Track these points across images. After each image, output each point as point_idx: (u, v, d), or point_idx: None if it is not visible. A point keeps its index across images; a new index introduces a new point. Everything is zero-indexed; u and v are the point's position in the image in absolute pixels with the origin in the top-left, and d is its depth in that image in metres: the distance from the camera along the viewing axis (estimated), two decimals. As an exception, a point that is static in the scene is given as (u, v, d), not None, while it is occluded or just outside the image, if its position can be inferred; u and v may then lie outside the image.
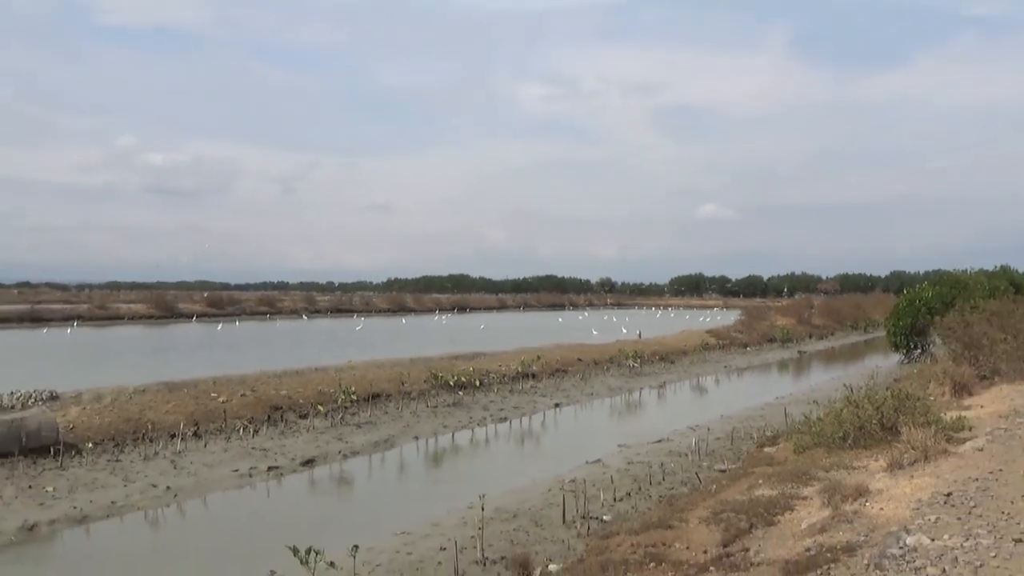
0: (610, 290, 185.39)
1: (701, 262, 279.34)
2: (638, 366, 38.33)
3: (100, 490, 15.65)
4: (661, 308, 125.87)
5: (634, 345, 42.78)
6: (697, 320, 75.53)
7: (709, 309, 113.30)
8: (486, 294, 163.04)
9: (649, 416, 27.39)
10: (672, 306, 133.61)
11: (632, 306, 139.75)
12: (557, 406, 27.96)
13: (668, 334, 53.58)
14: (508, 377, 32.02)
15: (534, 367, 33.63)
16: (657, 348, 44.46)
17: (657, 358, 42.00)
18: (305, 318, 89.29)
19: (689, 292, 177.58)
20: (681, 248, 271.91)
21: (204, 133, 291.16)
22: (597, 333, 53.61)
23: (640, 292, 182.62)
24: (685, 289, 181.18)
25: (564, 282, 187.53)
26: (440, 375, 28.83)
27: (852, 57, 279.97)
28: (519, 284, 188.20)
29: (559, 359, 36.92)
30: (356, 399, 24.87)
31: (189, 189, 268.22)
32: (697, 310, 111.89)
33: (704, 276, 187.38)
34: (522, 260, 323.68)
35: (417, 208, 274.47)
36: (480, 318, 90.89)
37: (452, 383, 28.51)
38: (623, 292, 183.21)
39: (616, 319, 79.67)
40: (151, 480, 16.44)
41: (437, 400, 26.91)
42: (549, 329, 61.86)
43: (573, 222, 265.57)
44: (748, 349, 52.38)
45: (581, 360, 38.00)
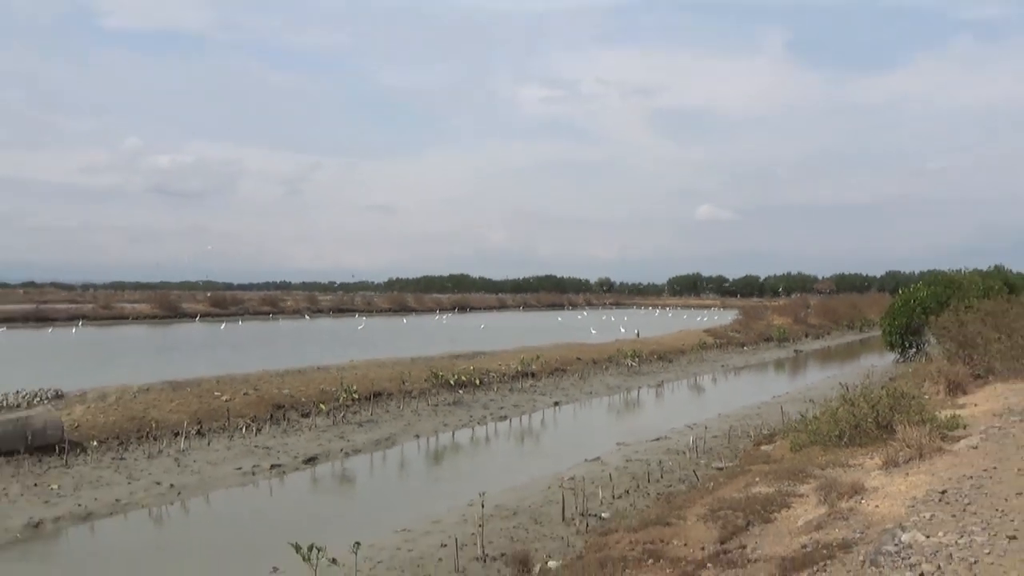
0: (609, 290, 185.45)
1: (699, 262, 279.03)
2: (636, 365, 38.33)
3: (105, 488, 15.65)
4: (659, 308, 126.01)
5: (632, 344, 42.79)
6: (695, 320, 75.55)
7: (707, 309, 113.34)
8: (486, 294, 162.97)
9: (647, 414, 27.40)
10: (670, 306, 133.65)
11: (630, 306, 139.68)
12: (556, 404, 27.97)
13: (666, 333, 53.59)
14: (508, 376, 32.03)
15: (534, 366, 33.64)
16: (655, 347, 44.47)
17: (655, 357, 42.01)
18: (307, 318, 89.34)
19: (687, 292, 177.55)
20: (679, 248, 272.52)
21: (207, 134, 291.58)
22: (596, 332, 53.62)
23: (638, 292, 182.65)
24: (683, 289, 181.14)
25: (563, 282, 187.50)
26: (441, 374, 28.83)
27: (850, 59, 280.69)
28: (519, 284, 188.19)
29: (558, 358, 36.92)
30: (358, 398, 24.87)
31: (192, 190, 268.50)
32: (695, 310, 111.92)
33: (702, 276, 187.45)
34: (522, 260, 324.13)
35: (418, 208, 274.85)
36: (480, 318, 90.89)
37: (453, 382, 28.51)
38: (622, 292, 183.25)
39: (615, 319, 79.68)
40: (155, 478, 16.44)
41: (438, 399, 26.91)
42: (548, 329, 61.87)
43: (572, 222, 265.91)
44: (745, 348, 52.39)
45: (580, 359, 38.01)
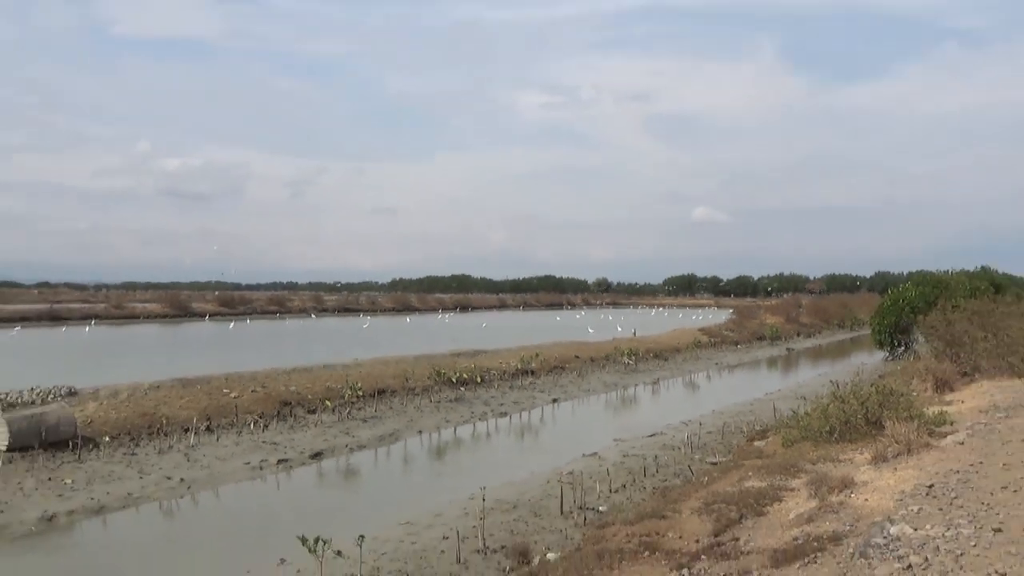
0: (606, 290, 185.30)
1: (694, 263, 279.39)
2: (633, 363, 38.33)
3: (117, 482, 15.66)
4: (655, 307, 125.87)
5: (629, 343, 42.78)
6: (690, 319, 75.57)
7: (701, 308, 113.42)
8: (487, 294, 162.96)
9: (643, 411, 27.41)
10: (666, 305, 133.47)
11: (627, 305, 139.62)
12: (555, 402, 27.97)
13: (662, 332, 53.61)
14: (508, 374, 32.05)
15: (533, 364, 33.65)
16: (651, 346, 44.47)
17: (651, 355, 42.01)
18: (313, 317, 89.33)
19: (682, 292, 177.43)
20: (675, 249, 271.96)
21: (216, 139, 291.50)
22: (593, 332, 53.58)
23: (635, 292, 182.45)
24: (678, 289, 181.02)
25: (562, 282, 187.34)
26: (443, 372, 28.84)
27: (839, 66, 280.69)
28: (519, 284, 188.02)
29: (557, 356, 36.93)
30: (362, 395, 24.89)
31: (202, 193, 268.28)
32: (690, 309, 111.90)
33: (696, 276, 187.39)
34: (522, 261, 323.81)
35: (421, 211, 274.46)
36: (481, 317, 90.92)
37: (454, 379, 28.52)
38: (619, 292, 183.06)
39: (612, 318, 79.62)
40: (166, 472, 16.45)
41: (440, 396, 26.92)
42: (547, 328, 61.83)
43: (571, 225, 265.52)
44: (739, 347, 52.38)
45: (578, 357, 38.01)
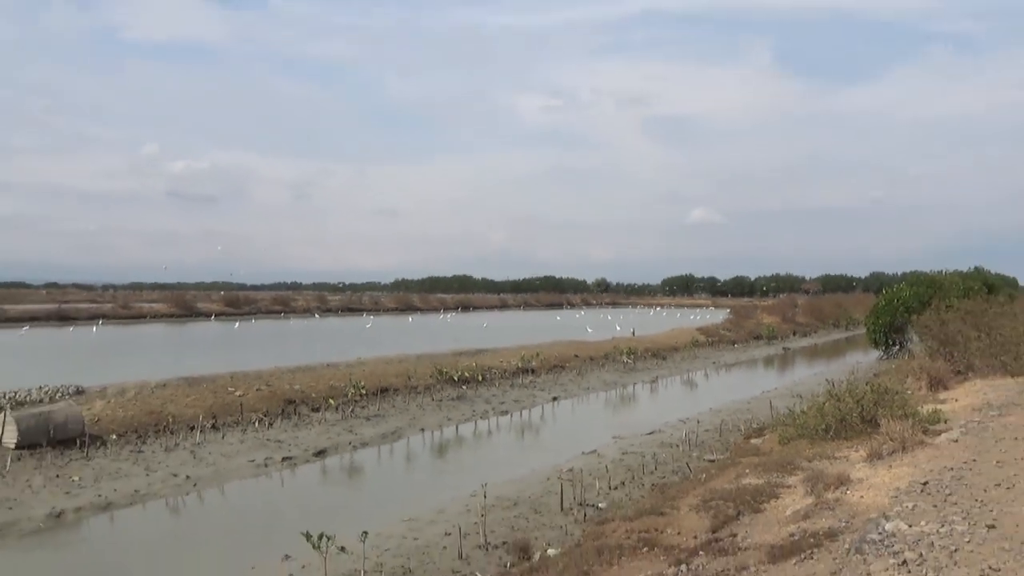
0: (605, 290, 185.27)
1: (691, 263, 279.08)
2: (632, 362, 38.33)
3: (124, 479, 15.67)
4: (654, 307, 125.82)
5: (628, 342, 42.78)
6: (688, 318, 75.54)
7: (699, 308, 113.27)
8: (488, 294, 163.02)
9: (642, 409, 27.41)
10: (664, 305, 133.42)
11: (626, 305, 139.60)
12: (555, 400, 27.98)
13: (660, 332, 53.59)
14: (509, 372, 32.06)
15: (533, 363, 33.66)
16: (650, 345, 44.46)
17: (650, 354, 42.00)
18: (317, 317, 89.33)
19: (680, 292, 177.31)
20: (673, 250, 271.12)
21: (222, 142, 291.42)
22: (593, 331, 53.55)
23: (634, 292, 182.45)
24: (676, 289, 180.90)
25: (562, 282, 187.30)
26: (445, 370, 28.85)
27: (834, 70, 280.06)
28: (519, 284, 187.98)
29: (557, 355, 36.93)
30: (365, 393, 24.91)
31: (207, 195, 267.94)
32: (688, 309, 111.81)
33: (694, 277, 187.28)
34: (522, 261, 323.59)
35: (423, 212, 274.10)
36: (482, 316, 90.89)
37: (456, 378, 28.53)
38: (618, 292, 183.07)
39: (611, 318, 79.58)
40: (172, 470, 16.47)
41: (442, 394, 26.92)
42: (548, 327, 61.81)
43: (571, 225, 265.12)
44: (736, 346, 52.38)
45: (578, 356, 38.01)
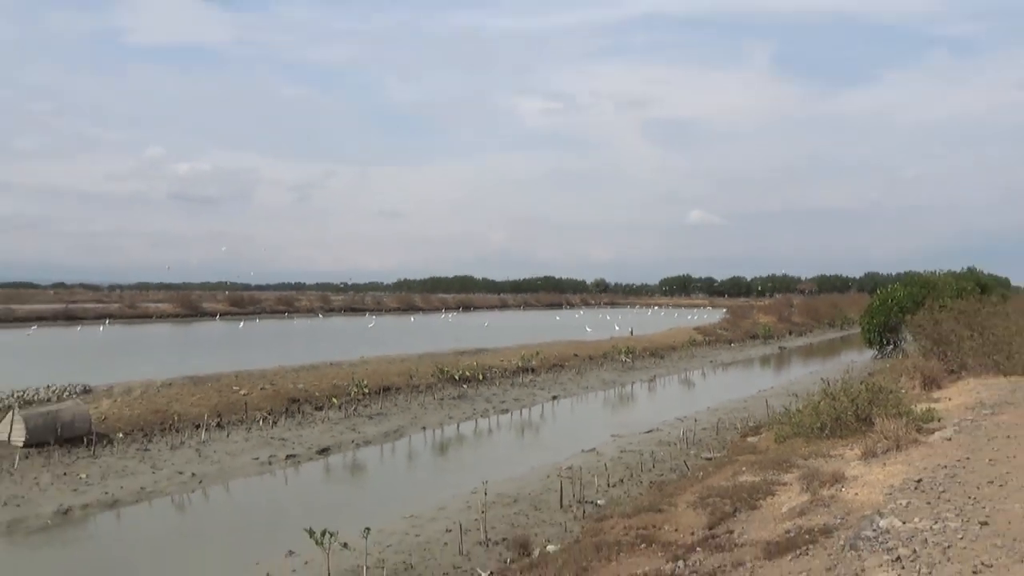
0: (604, 290, 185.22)
1: (690, 264, 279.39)
2: (630, 361, 38.33)
3: (130, 477, 15.69)
4: (652, 307, 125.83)
5: (626, 342, 42.78)
6: (685, 318, 75.52)
7: (696, 308, 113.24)
8: (489, 294, 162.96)
9: (640, 408, 27.42)
10: (662, 305, 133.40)
11: (625, 305, 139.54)
12: (555, 398, 27.99)
13: (658, 331, 53.60)
14: (509, 371, 32.05)
15: (533, 362, 33.67)
16: (648, 344, 44.46)
17: (648, 354, 42.00)
18: (321, 316, 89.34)
19: (678, 292, 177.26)
20: (671, 251, 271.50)
21: (225, 144, 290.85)
22: (592, 331, 53.54)
23: (632, 292, 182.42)
24: (674, 289, 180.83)
25: (561, 283, 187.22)
26: (446, 370, 28.86)
27: (831, 73, 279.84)
28: (519, 284, 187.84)
29: (557, 355, 36.94)
30: (368, 392, 24.92)
31: (211, 196, 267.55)
32: (685, 309, 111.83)
33: (692, 277, 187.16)
34: (522, 262, 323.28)
35: (425, 213, 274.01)
36: (483, 316, 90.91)
37: (457, 377, 28.54)
38: (616, 292, 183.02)
39: (610, 317, 79.58)
40: (177, 467, 16.48)
41: (443, 393, 26.93)
42: (547, 327, 61.82)
43: (570, 226, 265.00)
44: (733, 345, 52.36)
45: (577, 356, 38.01)
